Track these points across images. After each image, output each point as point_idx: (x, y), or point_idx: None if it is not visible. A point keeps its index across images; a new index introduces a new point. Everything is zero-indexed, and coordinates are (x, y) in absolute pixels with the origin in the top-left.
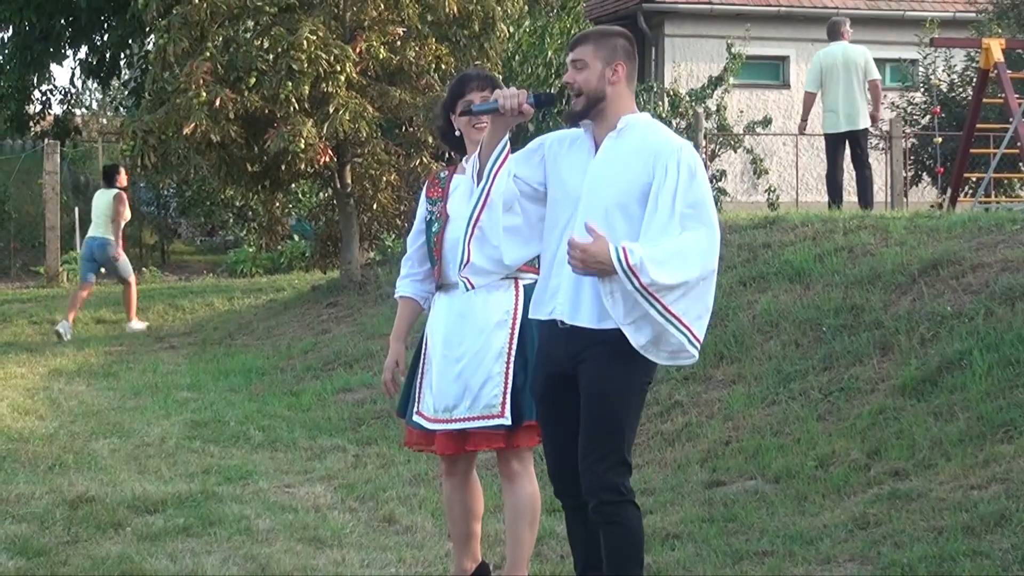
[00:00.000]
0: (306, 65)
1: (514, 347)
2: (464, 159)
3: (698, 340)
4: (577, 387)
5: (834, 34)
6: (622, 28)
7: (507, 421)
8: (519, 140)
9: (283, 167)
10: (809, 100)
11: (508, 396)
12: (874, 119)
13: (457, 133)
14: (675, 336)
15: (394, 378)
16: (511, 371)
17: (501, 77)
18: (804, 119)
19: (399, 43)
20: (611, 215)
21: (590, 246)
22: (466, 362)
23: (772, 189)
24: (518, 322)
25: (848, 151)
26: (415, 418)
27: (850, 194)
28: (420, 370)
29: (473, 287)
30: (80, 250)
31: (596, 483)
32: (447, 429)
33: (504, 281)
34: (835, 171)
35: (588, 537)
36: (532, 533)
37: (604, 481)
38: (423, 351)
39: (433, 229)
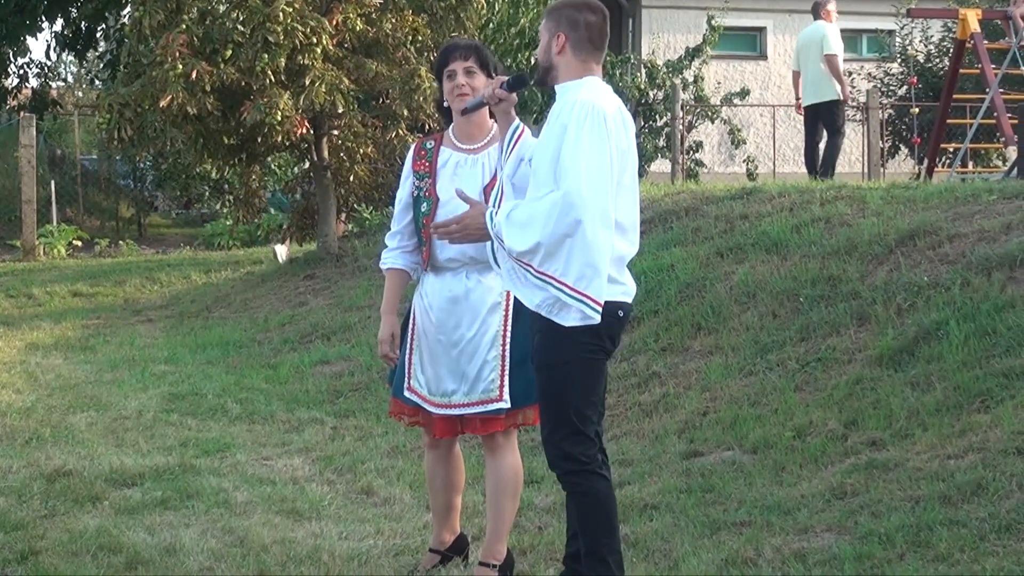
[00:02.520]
0: (282, 37)
1: (509, 329)
2: (450, 128)
3: (589, 299)
4: None
5: (815, 14)
6: (587, 1)
7: (506, 404)
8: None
9: (259, 140)
10: (794, 78)
11: (506, 379)
12: (843, 93)
13: (445, 104)
14: (562, 298)
15: (392, 350)
16: (507, 354)
17: None
18: (797, 97)
19: (375, 15)
20: (544, 178)
21: (466, 215)
22: (461, 348)
23: (750, 159)
24: (511, 302)
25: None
26: (406, 393)
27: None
28: (409, 346)
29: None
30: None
31: (552, 455)
32: (446, 414)
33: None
34: (811, 144)
35: None
36: (514, 506)
37: (560, 451)
38: (411, 326)
39: (423, 209)
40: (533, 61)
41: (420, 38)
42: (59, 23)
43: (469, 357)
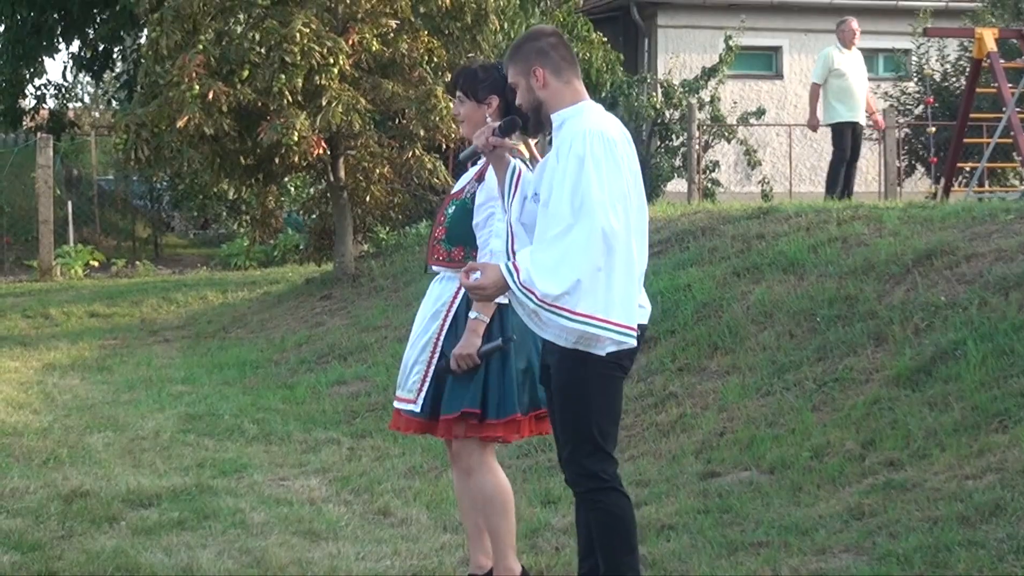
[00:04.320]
0: (299, 58)
1: (441, 338)
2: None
3: (623, 327)
4: None
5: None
6: (534, 29)
7: (415, 408)
8: None
9: (276, 160)
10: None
11: (426, 385)
12: (809, 122)
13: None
14: (600, 333)
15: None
16: (434, 361)
17: None
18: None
19: (392, 35)
20: (559, 212)
21: (482, 280)
22: (409, 343)
23: (766, 180)
24: (451, 314)
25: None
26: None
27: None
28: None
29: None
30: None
31: (574, 472)
32: (395, 406)
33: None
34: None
35: (588, 525)
36: (507, 523)
37: (582, 469)
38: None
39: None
40: None
41: (436, 58)
42: (76, 44)
43: (410, 352)
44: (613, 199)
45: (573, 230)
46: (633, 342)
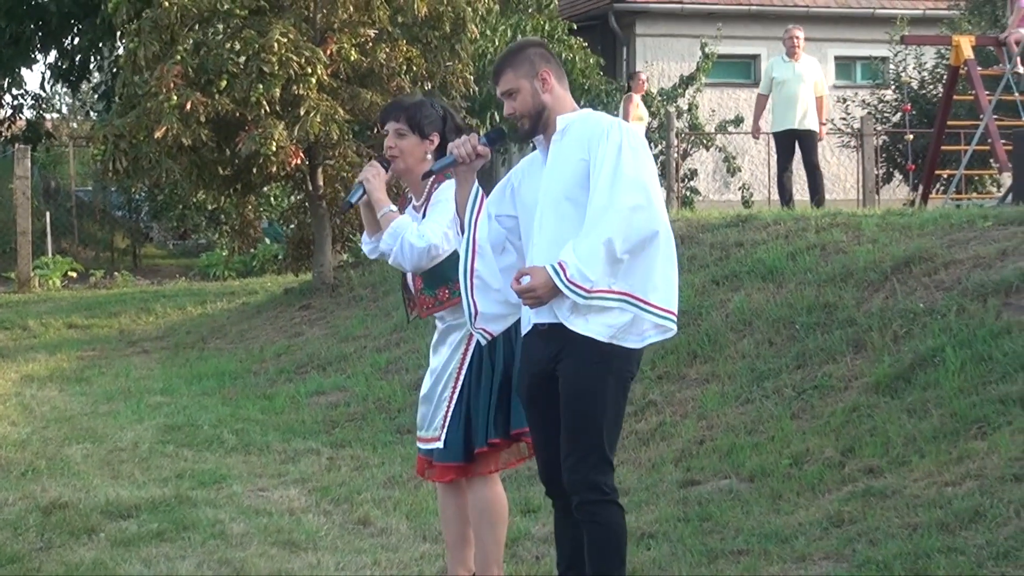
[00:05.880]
0: (277, 68)
1: (463, 374)
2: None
3: (664, 311)
4: (558, 386)
5: None
6: (523, 40)
7: (440, 445)
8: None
9: (254, 170)
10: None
11: (448, 421)
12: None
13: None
14: (638, 313)
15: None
16: (455, 397)
17: (472, 78)
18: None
19: (370, 45)
20: (560, 208)
21: (533, 282)
22: (432, 382)
23: (745, 187)
24: (471, 348)
25: None
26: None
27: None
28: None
29: (493, 336)
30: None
31: (577, 482)
32: (421, 449)
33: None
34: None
35: (574, 536)
36: (495, 536)
37: (585, 480)
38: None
39: None
40: None
41: (415, 68)
42: (53, 54)
43: (431, 392)
44: (654, 184)
45: (609, 211)
46: (675, 328)
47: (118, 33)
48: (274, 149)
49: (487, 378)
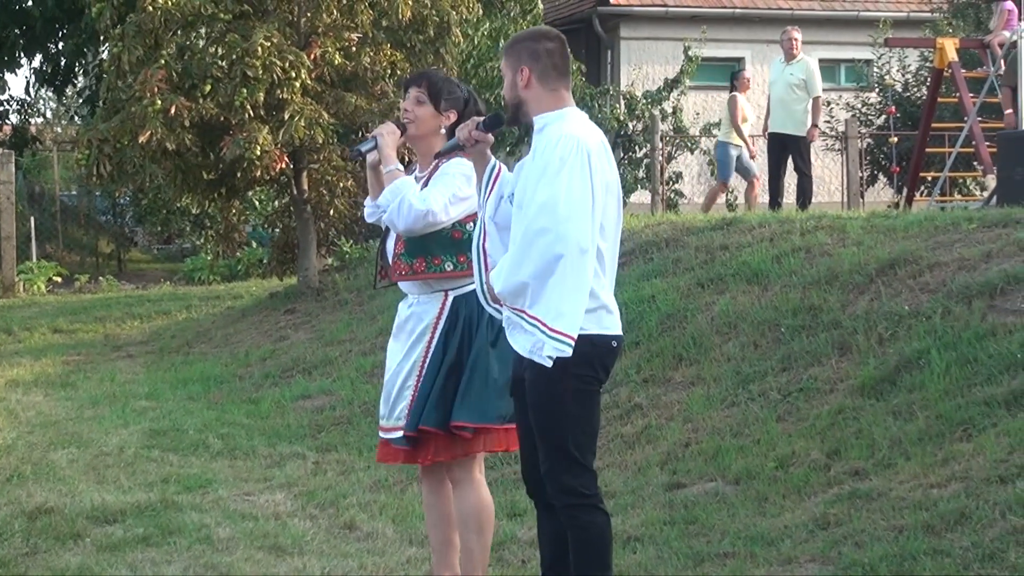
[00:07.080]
0: (261, 72)
1: (427, 363)
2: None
3: (563, 335)
4: None
5: None
6: (538, 30)
7: (400, 435)
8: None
9: (239, 174)
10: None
11: (412, 412)
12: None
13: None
14: (544, 339)
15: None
16: (420, 385)
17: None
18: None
19: (354, 49)
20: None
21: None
22: (390, 370)
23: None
24: (435, 337)
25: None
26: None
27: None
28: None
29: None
30: None
31: (554, 487)
32: (381, 437)
33: (435, 293)
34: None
35: (555, 536)
36: (481, 541)
37: (561, 484)
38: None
39: None
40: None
41: (398, 71)
42: (38, 59)
43: (392, 379)
44: (569, 204)
45: (533, 233)
46: (569, 351)
47: (102, 38)
48: (258, 153)
49: (435, 363)
